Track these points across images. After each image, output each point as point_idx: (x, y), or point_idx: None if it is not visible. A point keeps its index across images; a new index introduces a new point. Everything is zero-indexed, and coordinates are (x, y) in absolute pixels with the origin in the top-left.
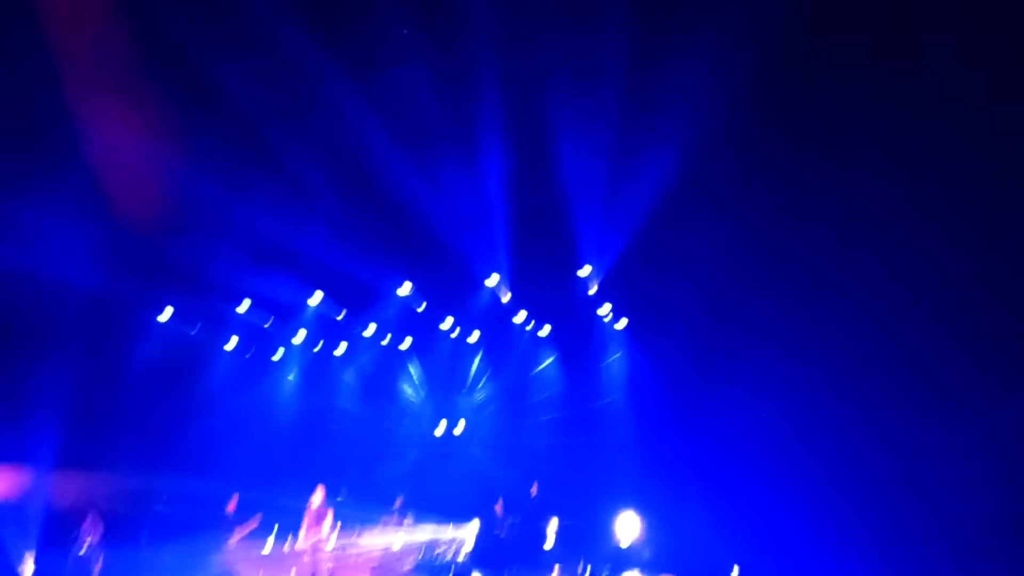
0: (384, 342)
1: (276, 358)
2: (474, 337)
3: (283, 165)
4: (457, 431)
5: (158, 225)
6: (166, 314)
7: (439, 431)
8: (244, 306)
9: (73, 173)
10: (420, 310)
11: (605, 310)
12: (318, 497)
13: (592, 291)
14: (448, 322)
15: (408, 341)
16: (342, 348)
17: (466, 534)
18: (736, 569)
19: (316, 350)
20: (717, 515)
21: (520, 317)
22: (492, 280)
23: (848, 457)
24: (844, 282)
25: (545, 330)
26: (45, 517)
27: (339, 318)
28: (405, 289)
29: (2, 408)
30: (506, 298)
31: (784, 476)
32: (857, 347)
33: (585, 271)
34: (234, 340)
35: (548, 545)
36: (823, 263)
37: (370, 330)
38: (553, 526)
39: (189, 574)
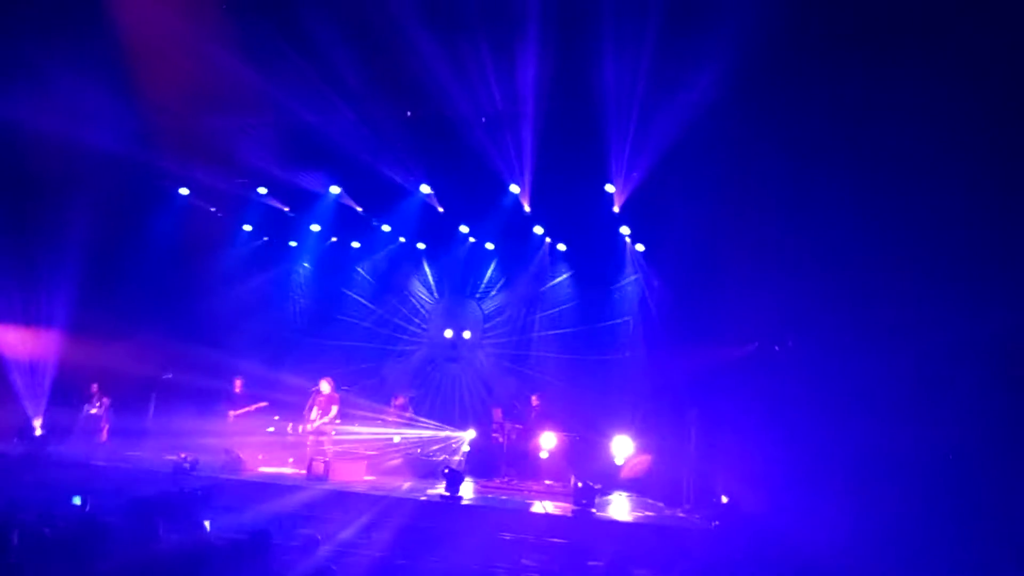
0: (400, 241)
1: (293, 244)
2: (490, 245)
3: (314, 50)
4: (465, 336)
5: (186, 100)
6: (187, 189)
7: (448, 334)
8: (264, 190)
9: (106, 42)
10: (440, 211)
11: (626, 230)
12: (326, 385)
13: (615, 210)
14: (466, 228)
15: (423, 245)
16: (357, 244)
17: (464, 437)
18: (724, 499)
19: (332, 241)
20: (713, 444)
21: (539, 229)
22: (515, 188)
23: (852, 390)
24: (857, 222)
25: (563, 244)
26: (57, 378)
27: (357, 212)
28: (425, 189)
29: (21, 271)
30: (527, 207)
31: (785, 411)
32: (869, 278)
33: (610, 189)
34: (248, 226)
35: (543, 456)
36: (840, 208)
37: (387, 228)
38: (550, 439)
39: (193, 444)
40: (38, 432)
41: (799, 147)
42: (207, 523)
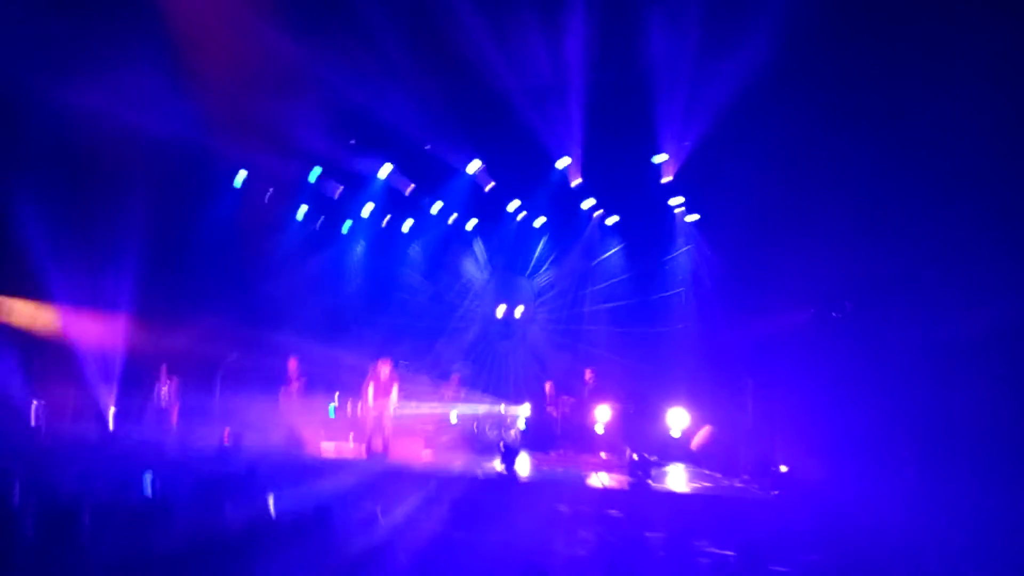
0: (451, 220)
1: (345, 229)
2: (540, 220)
3: (361, 29)
4: (517, 313)
5: (241, 83)
6: (242, 175)
7: (500, 311)
8: (315, 174)
9: (160, 28)
10: (488, 189)
11: (677, 201)
12: (385, 367)
13: (665, 180)
14: (515, 204)
15: (474, 221)
16: (409, 223)
17: (518, 412)
18: (783, 468)
19: (384, 223)
20: (770, 414)
21: (589, 203)
22: (563, 162)
23: (908, 357)
24: (914, 186)
25: (613, 218)
26: (127, 362)
27: (407, 192)
28: (474, 167)
29: (88, 257)
30: (576, 182)
31: (842, 378)
32: (922, 246)
33: (660, 159)
34: (304, 208)
35: (598, 430)
36: (897, 172)
37: (437, 207)
38: (604, 412)
39: (257, 425)
40: (111, 415)
41: (851, 111)
42: (271, 500)
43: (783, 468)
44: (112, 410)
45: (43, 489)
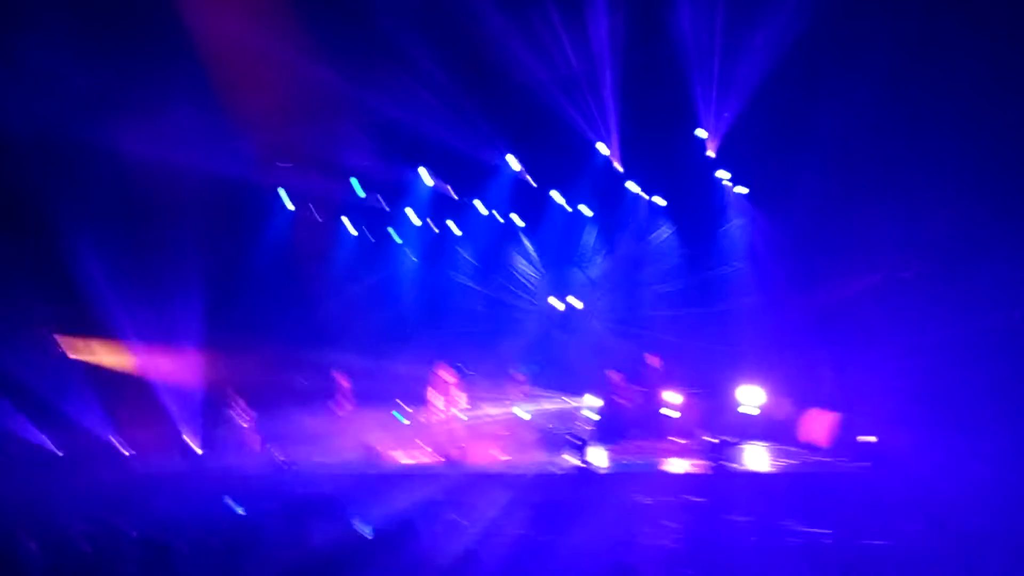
0: (497, 218)
1: (395, 238)
2: (587, 208)
3: (389, 42)
4: (575, 304)
5: (277, 112)
6: (289, 199)
7: (557, 305)
8: (359, 187)
9: (196, 64)
10: (531, 182)
11: (724, 174)
12: (448, 372)
13: (710, 154)
14: (560, 196)
15: (520, 217)
16: (456, 226)
17: (587, 405)
18: (871, 439)
19: (431, 229)
20: (847, 384)
21: (634, 185)
22: (603, 148)
23: (971, 321)
24: (972, 150)
25: (660, 198)
26: (202, 393)
27: (452, 196)
28: (515, 162)
29: (155, 295)
30: (618, 166)
31: (918, 341)
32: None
33: (702, 133)
34: (353, 224)
35: (670, 415)
36: (950, 132)
37: (482, 207)
38: (675, 397)
39: (331, 444)
40: (195, 448)
41: (895, 72)
42: (356, 519)
43: (869, 439)
44: (195, 443)
45: (139, 520)
